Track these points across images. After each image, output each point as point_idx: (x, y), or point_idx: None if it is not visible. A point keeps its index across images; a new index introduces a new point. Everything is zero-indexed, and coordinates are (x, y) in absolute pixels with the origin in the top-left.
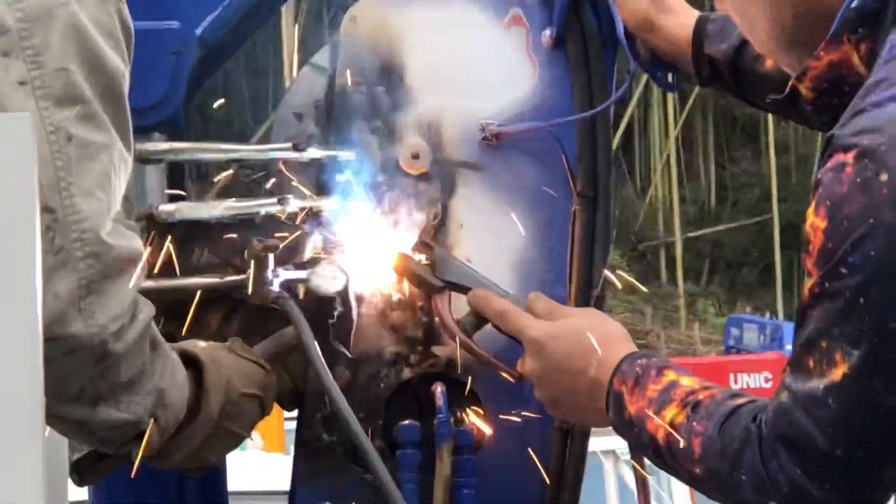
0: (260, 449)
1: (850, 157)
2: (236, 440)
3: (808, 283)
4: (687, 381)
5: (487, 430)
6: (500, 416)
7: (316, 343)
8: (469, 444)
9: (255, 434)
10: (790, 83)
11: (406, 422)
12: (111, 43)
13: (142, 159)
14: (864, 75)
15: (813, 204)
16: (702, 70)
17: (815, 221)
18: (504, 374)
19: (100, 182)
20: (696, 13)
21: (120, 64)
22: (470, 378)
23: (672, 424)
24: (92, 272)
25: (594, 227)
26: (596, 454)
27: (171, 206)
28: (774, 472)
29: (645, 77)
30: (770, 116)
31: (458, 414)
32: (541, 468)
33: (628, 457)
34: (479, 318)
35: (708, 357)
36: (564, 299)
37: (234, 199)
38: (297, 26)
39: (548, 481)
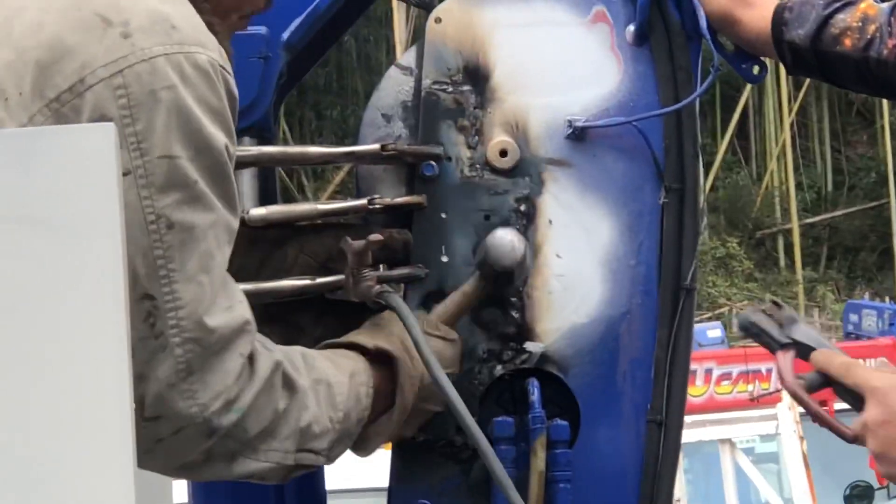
0: None
1: None
2: (430, 414)
3: None
4: None
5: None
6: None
7: (424, 335)
8: (563, 438)
9: None
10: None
11: (500, 417)
12: (217, 119)
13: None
14: None
15: None
16: (785, 58)
17: None
18: (838, 433)
19: (203, 264)
20: (774, 3)
21: (224, 138)
22: (562, 373)
23: None
24: (190, 356)
25: (682, 220)
26: (713, 443)
27: (262, 210)
28: None
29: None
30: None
31: (551, 408)
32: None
33: (745, 445)
34: (821, 377)
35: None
36: (654, 293)
37: (324, 200)
38: (409, 23)
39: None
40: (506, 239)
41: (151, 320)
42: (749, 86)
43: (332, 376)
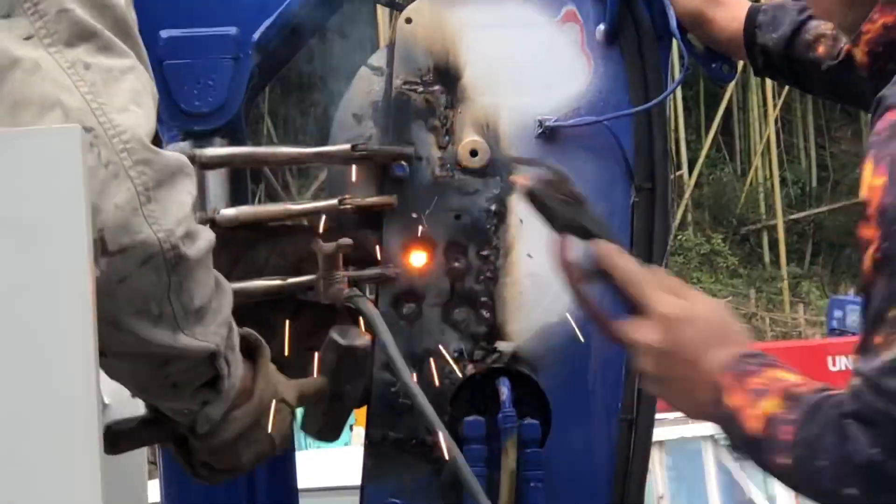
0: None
1: None
2: (266, 446)
3: (869, 250)
4: (791, 377)
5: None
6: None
7: (392, 338)
8: (534, 437)
9: None
10: (845, 48)
11: (470, 417)
12: None
13: (203, 164)
14: None
15: (869, 167)
16: (756, 60)
17: (872, 182)
18: (605, 333)
19: (132, 98)
20: (746, 4)
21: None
22: (533, 372)
23: (768, 415)
24: (146, 178)
25: (653, 220)
26: (696, 439)
27: (232, 210)
28: (851, 453)
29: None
30: None
31: (522, 408)
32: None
33: (728, 442)
34: (598, 271)
35: (809, 340)
36: None
37: (294, 201)
38: (392, 22)
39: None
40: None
41: (96, 150)
42: (733, 82)
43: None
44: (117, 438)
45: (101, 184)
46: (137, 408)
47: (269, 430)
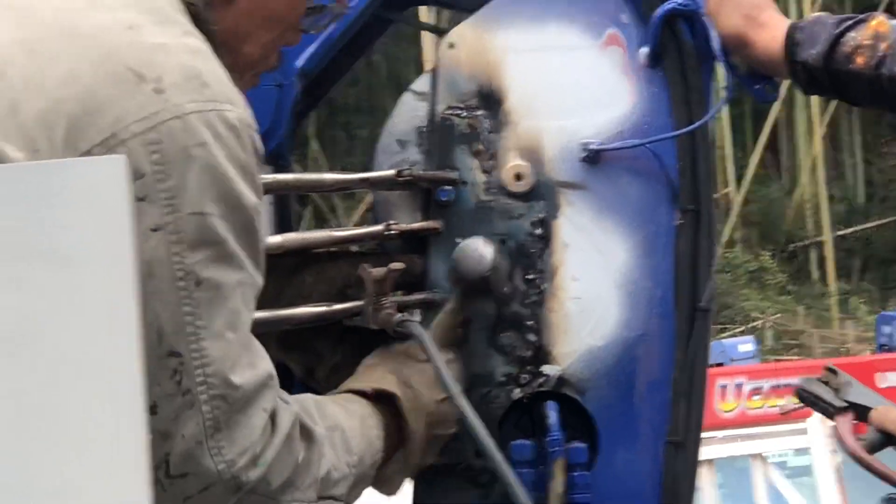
0: None
1: None
2: (446, 438)
3: None
4: None
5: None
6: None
7: (445, 361)
8: (582, 460)
9: None
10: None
11: (518, 441)
12: (248, 178)
13: None
14: None
15: None
16: (799, 78)
17: None
18: None
19: (229, 322)
20: (786, 22)
21: (254, 197)
22: (580, 395)
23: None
24: (218, 412)
25: (698, 241)
26: (745, 458)
27: (278, 238)
28: None
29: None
30: None
31: (569, 431)
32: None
33: (778, 459)
34: (881, 435)
35: (857, 357)
36: (670, 316)
37: (339, 228)
38: (438, 45)
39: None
40: (471, 248)
41: (178, 377)
42: (780, 99)
43: (343, 421)
44: None
45: (175, 411)
46: None
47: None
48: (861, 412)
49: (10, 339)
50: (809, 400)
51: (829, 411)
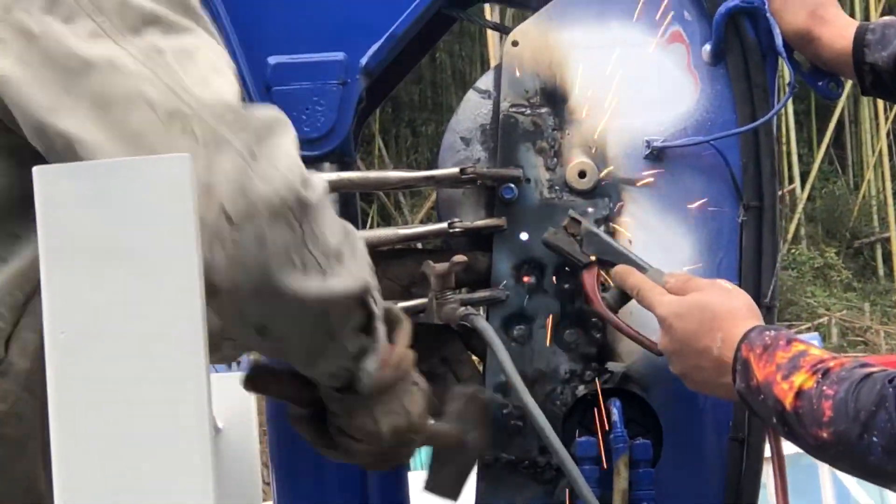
0: None
1: None
2: (402, 420)
3: None
4: (816, 352)
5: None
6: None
7: (509, 356)
8: (646, 457)
9: None
10: None
11: (582, 438)
12: None
13: None
14: None
15: None
16: (864, 79)
17: None
18: (646, 348)
19: (210, 69)
20: (854, 23)
21: None
22: (644, 392)
23: (801, 389)
24: (245, 138)
25: (761, 238)
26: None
27: None
28: None
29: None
30: None
31: (634, 427)
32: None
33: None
34: (623, 294)
35: None
36: None
37: (404, 225)
38: (502, 40)
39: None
40: None
41: (190, 129)
42: (844, 95)
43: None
44: (260, 373)
45: (204, 161)
46: (250, 430)
47: (407, 406)
48: (607, 266)
49: (83, 332)
50: (557, 251)
51: (576, 265)
